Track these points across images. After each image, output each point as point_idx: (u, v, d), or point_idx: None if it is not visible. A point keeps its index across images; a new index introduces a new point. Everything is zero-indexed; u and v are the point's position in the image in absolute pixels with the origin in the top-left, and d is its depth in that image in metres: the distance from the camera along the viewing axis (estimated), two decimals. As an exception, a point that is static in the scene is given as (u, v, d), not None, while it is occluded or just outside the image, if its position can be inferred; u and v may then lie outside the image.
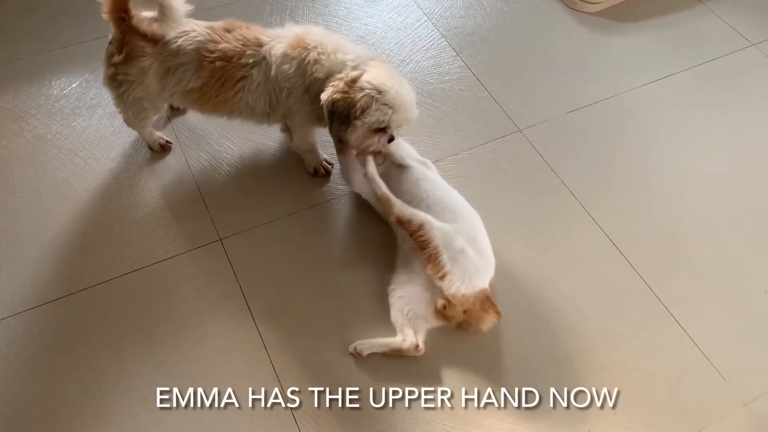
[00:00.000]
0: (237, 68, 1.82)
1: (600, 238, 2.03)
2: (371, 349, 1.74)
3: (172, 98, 1.93)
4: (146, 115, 1.99)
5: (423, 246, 1.71)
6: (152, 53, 1.80)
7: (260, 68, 1.82)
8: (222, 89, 1.85)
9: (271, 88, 1.85)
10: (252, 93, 1.86)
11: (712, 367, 1.79)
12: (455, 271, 1.69)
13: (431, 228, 1.72)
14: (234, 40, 1.82)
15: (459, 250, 1.71)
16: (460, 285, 1.69)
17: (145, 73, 1.83)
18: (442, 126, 2.29)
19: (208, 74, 1.82)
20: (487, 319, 1.75)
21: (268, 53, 1.81)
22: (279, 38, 1.83)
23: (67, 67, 2.39)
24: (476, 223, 1.85)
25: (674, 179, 2.19)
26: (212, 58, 1.80)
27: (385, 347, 1.74)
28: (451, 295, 1.69)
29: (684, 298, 1.91)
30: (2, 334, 1.77)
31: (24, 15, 2.56)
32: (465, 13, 2.67)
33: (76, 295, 1.85)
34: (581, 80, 2.46)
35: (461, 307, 1.71)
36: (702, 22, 2.68)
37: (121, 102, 1.93)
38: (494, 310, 1.76)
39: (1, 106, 2.26)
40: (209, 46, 1.81)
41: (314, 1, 2.67)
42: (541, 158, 2.21)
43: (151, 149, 2.16)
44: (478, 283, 1.72)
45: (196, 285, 1.88)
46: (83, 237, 1.97)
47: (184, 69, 1.83)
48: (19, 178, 2.08)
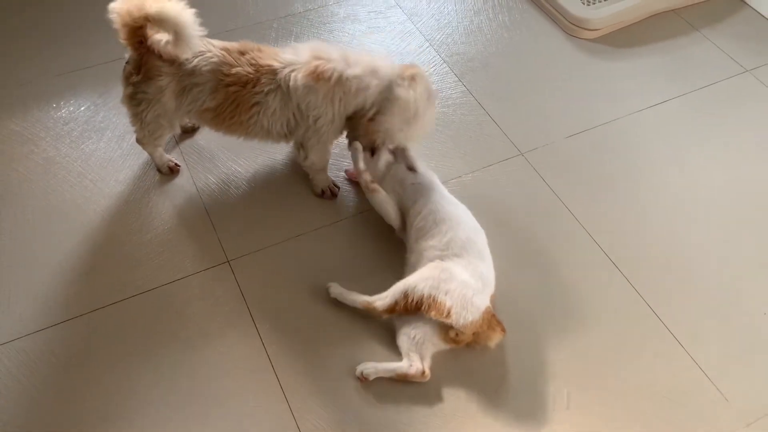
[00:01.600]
0: (251, 94, 1.85)
1: (601, 259, 2.06)
2: (377, 374, 1.76)
3: (188, 115, 1.97)
4: (162, 133, 2.02)
5: (420, 306, 1.71)
6: (169, 72, 1.84)
7: (276, 96, 1.86)
8: (236, 112, 1.89)
9: (290, 114, 1.90)
10: (268, 118, 1.90)
11: (714, 388, 1.81)
12: (456, 302, 1.70)
13: (415, 288, 1.72)
14: (247, 65, 1.86)
15: (452, 280, 1.72)
16: (466, 314, 1.70)
17: (162, 92, 1.86)
18: (446, 149, 2.33)
19: (222, 97, 1.86)
20: (494, 337, 1.78)
21: (284, 83, 1.85)
22: (292, 65, 1.86)
23: (76, 91, 2.43)
24: (478, 238, 1.88)
25: (673, 201, 2.23)
26: (227, 82, 1.84)
27: (392, 372, 1.75)
28: (461, 326, 1.70)
29: (686, 318, 1.94)
30: (13, 356, 1.78)
31: (33, 40, 2.60)
32: (466, 40, 2.73)
33: (85, 316, 1.86)
34: (581, 105, 2.51)
35: (471, 331, 1.73)
36: (698, 49, 2.74)
37: (138, 120, 1.96)
38: (500, 327, 1.78)
39: (11, 129, 2.29)
40: (224, 68, 1.84)
41: (319, 27, 2.72)
42: (542, 181, 2.25)
43: (159, 171, 2.19)
44: (481, 304, 1.74)
45: (204, 306, 1.90)
46: (92, 259, 1.99)
47: (199, 89, 1.86)
48: (28, 200, 2.10)
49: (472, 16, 2.82)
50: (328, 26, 2.74)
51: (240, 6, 2.77)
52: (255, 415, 1.71)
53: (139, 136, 2.07)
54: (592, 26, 2.73)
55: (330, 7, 2.82)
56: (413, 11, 2.83)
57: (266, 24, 2.70)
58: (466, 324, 1.70)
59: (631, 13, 2.79)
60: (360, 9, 2.82)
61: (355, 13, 2.80)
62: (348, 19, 2.78)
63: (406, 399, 1.75)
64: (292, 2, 2.82)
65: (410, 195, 1.95)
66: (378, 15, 2.80)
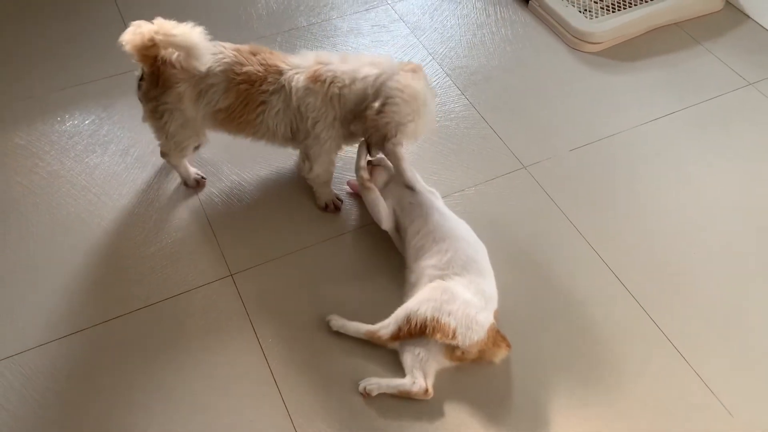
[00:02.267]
0: (258, 93, 1.89)
1: (604, 273, 2.05)
2: (380, 390, 1.75)
3: (205, 120, 1.96)
4: (188, 143, 2.03)
5: (424, 330, 1.70)
6: (185, 78, 1.86)
7: (279, 96, 1.89)
8: (245, 110, 1.91)
9: (292, 116, 1.92)
10: (272, 118, 1.92)
11: (719, 403, 1.80)
12: (461, 323, 1.69)
13: (417, 312, 1.71)
14: (257, 64, 1.89)
15: (454, 300, 1.71)
16: (471, 334, 1.70)
17: (181, 99, 1.88)
18: (448, 162, 2.34)
19: (234, 95, 1.88)
20: (499, 353, 1.78)
21: (288, 83, 1.88)
22: (297, 68, 1.90)
23: (81, 105, 2.44)
24: (478, 255, 1.87)
25: (677, 215, 2.22)
26: (238, 80, 1.87)
27: (394, 389, 1.75)
28: (466, 346, 1.70)
29: (689, 333, 1.93)
30: (16, 370, 1.78)
31: (38, 54, 2.62)
32: (469, 53, 2.74)
33: (88, 330, 1.87)
34: (584, 118, 2.51)
35: (477, 350, 1.72)
36: (701, 62, 2.74)
37: (163, 133, 1.98)
38: (505, 343, 1.78)
39: (16, 142, 2.31)
40: (236, 68, 1.87)
41: (322, 41, 2.74)
42: (545, 195, 2.25)
43: (186, 185, 2.20)
44: (485, 321, 1.73)
45: (207, 320, 1.90)
46: (96, 272, 1.99)
47: (213, 90, 1.88)
48: (33, 214, 2.11)
49: (475, 29, 2.84)
50: (332, 40, 2.75)
51: (244, 20, 2.79)
52: (257, 428, 1.71)
53: (164, 149, 2.09)
54: (594, 39, 2.74)
55: (333, 21, 2.83)
56: (416, 25, 2.84)
57: (270, 38, 2.72)
58: (472, 343, 1.70)
59: (633, 27, 2.80)
60: (363, 23, 2.84)
61: (358, 27, 2.82)
62: (351, 33, 2.79)
63: (408, 415, 1.74)
64: (295, 17, 2.83)
65: (408, 213, 1.94)
66: (381, 29, 2.82)
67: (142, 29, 1.74)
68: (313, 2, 2.91)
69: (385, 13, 2.90)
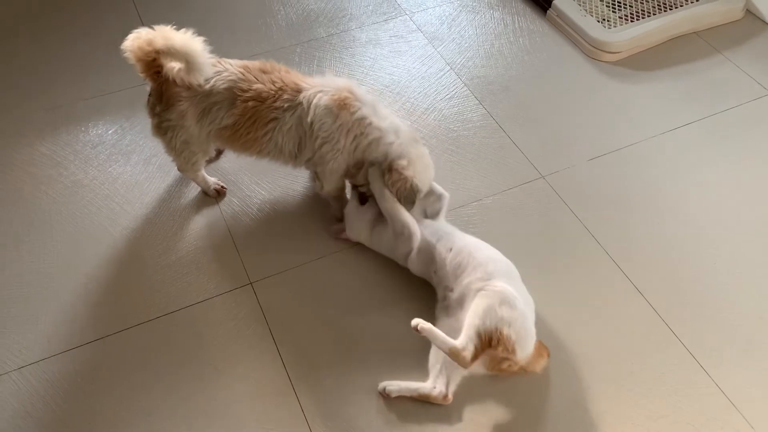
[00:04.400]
0: (270, 110, 1.89)
1: (623, 284, 2.05)
2: (400, 392, 1.76)
3: (209, 137, 1.98)
4: (196, 159, 2.06)
5: (491, 341, 1.64)
6: (188, 97, 1.88)
7: (294, 113, 1.89)
8: (253, 128, 1.91)
9: (302, 132, 1.92)
10: (283, 135, 1.92)
11: (740, 416, 1.78)
12: (521, 334, 1.66)
13: (484, 323, 1.65)
14: (269, 82, 1.90)
15: (513, 307, 1.68)
16: (527, 346, 1.69)
17: (184, 116, 1.90)
18: (466, 172, 2.34)
19: (240, 112, 1.88)
20: (541, 363, 1.77)
21: (306, 100, 1.88)
22: (320, 88, 1.90)
23: (104, 115, 2.49)
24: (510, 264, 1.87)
25: (697, 226, 2.21)
26: (245, 98, 1.87)
27: (414, 392, 1.75)
28: (521, 358, 1.69)
29: (710, 345, 1.92)
30: (39, 376, 1.81)
31: (63, 65, 2.67)
32: (486, 63, 2.75)
33: (110, 337, 1.90)
34: (602, 128, 2.51)
35: (524, 362, 1.71)
36: (720, 71, 2.73)
37: (171, 149, 2.01)
38: (546, 352, 1.79)
39: (41, 152, 2.35)
40: (242, 85, 1.88)
41: (341, 51, 2.76)
42: (564, 204, 2.24)
43: (206, 194, 2.23)
44: (534, 332, 1.73)
45: (227, 328, 1.92)
46: (118, 280, 2.02)
47: (217, 107, 1.89)
48: (56, 222, 2.15)
49: (493, 39, 2.85)
50: (350, 50, 2.78)
51: (264, 31, 2.82)
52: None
53: (177, 165, 2.13)
54: (612, 49, 2.74)
55: (352, 32, 2.86)
56: (434, 35, 2.86)
57: (290, 49, 2.75)
58: (525, 356, 1.69)
59: (652, 36, 2.80)
60: (382, 33, 2.86)
61: (377, 37, 2.84)
62: (370, 43, 2.81)
63: (429, 420, 1.74)
64: (315, 27, 2.86)
65: (430, 236, 1.93)
66: (399, 39, 2.84)
67: (141, 35, 1.76)
68: (332, 13, 2.94)
69: (404, 23, 2.92)
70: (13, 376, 1.82)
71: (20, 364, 1.84)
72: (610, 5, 2.90)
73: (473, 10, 2.99)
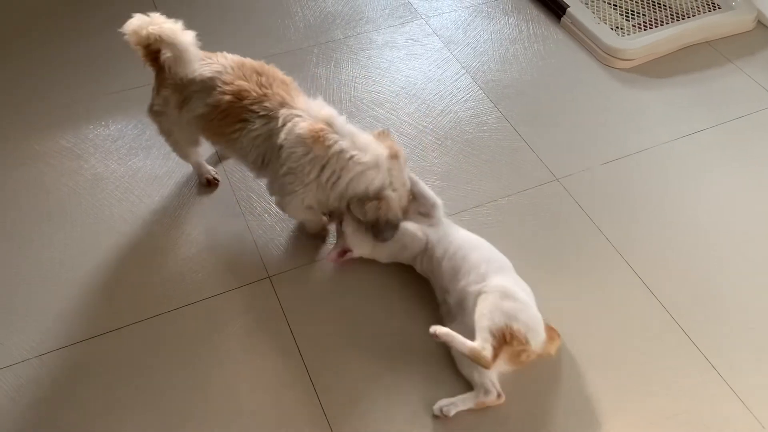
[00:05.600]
0: (243, 110, 1.83)
1: (636, 284, 2.07)
2: (457, 408, 1.74)
3: (189, 125, 1.95)
4: (181, 146, 2.08)
5: (505, 338, 1.67)
6: (171, 84, 1.89)
7: (267, 123, 1.82)
8: (223, 122, 1.86)
9: (269, 149, 1.85)
10: (249, 141, 1.85)
11: (753, 417, 1.80)
12: (529, 325, 1.70)
13: (494, 322, 1.67)
14: (257, 84, 1.84)
15: (513, 298, 1.72)
16: (538, 335, 1.72)
17: (168, 103, 1.93)
18: (481, 173, 2.37)
19: (214, 102, 1.84)
20: (554, 345, 1.81)
21: (283, 119, 1.81)
22: (301, 112, 1.82)
23: (125, 110, 2.52)
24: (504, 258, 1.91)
25: (709, 230, 2.24)
26: (224, 90, 1.83)
27: (470, 404, 1.75)
28: (537, 347, 1.72)
29: (724, 347, 1.94)
30: (60, 364, 1.84)
31: (86, 61, 2.71)
32: (502, 67, 2.78)
33: (128, 327, 1.92)
34: (616, 133, 2.54)
35: (540, 349, 1.75)
36: (732, 80, 2.76)
37: (162, 132, 2.06)
38: (555, 333, 1.82)
39: (62, 145, 2.38)
40: (226, 77, 1.84)
41: (358, 53, 2.80)
42: (578, 207, 2.27)
43: (199, 181, 2.26)
44: (540, 318, 1.76)
45: (245, 321, 1.94)
46: (136, 271, 2.05)
47: (196, 96, 1.88)
48: (77, 214, 2.18)
49: (508, 44, 2.88)
50: (367, 53, 2.81)
51: (282, 32, 2.86)
52: (292, 427, 1.74)
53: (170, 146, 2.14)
54: (626, 56, 2.77)
55: (369, 34, 2.90)
56: (450, 39, 2.90)
57: (307, 49, 2.79)
58: (539, 344, 1.73)
59: (665, 45, 2.84)
60: (398, 36, 2.90)
61: (393, 40, 2.88)
62: (386, 45, 2.85)
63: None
64: (332, 29, 2.90)
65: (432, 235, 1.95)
66: (415, 42, 2.88)
67: (137, 20, 1.79)
68: (349, 15, 2.98)
69: (420, 27, 2.95)
70: (33, 363, 1.84)
71: (40, 351, 1.86)
72: (624, 13, 2.94)
73: (488, 16, 3.02)
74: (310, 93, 1.93)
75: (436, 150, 2.43)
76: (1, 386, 1.79)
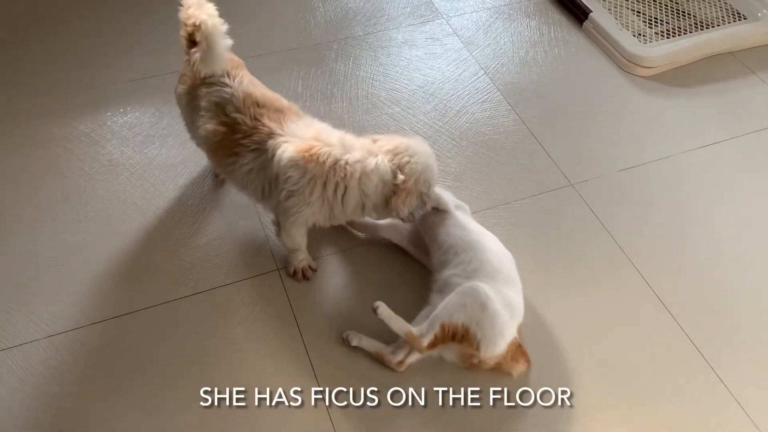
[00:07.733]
0: (235, 144, 1.82)
1: (646, 293, 2.05)
2: (360, 344, 1.85)
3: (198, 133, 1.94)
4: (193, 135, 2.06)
5: (455, 336, 1.70)
6: (186, 82, 1.94)
7: (258, 157, 1.81)
8: (219, 152, 1.88)
9: (265, 180, 1.84)
10: (242, 174, 1.85)
11: (756, 429, 1.78)
12: (486, 335, 1.69)
13: (451, 319, 1.70)
14: (250, 118, 1.82)
15: (485, 308, 1.69)
16: (494, 347, 1.71)
17: (181, 97, 1.97)
18: (496, 175, 2.36)
19: (212, 130, 1.85)
20: (517, 368, 1.79)
21: (272, 150, 1.79)
22: (287, 138, 1.80)
23: (143, 98, 2.54)
24: (505, 266, 1.86)
25: (723, 242, 2.21)
26: (222, 120, 1.83)
27: (373, 349, 1.84)
28: (486, 358, 1.72)
29: (731, 359, 1.92)
30: (69, 346, 1.85)
31: (104, 48, 2.74)
32: (521, 70, 2.77)
33: (138, 312, 1.93)
34: (634, 140, 2.52)
35: (494, 362, 1.75)
36: (754, 92, 2.73)
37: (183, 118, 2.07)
38: (525, 359, 1.79)
39: (80, 130, 2.41)
40: (228, 108, 1.83)
41: (377, 50, 2.80)
42: (592, 213, 2.25)
43: (213, 172, 2.27)
44: (508, 335, 1.74)
45: (252, 311, 1.95)
46: (149, 258, 2.06)
47: (201, 113, 1.88)
48: (92, 199, 2.20)
49: (528, 47, 2.87)
50: (386, 50, 2.81)
51: (302, 26, 2.87)
52: (295, 421, 1.75)
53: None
54: (647, 64, 2.75)
55: (389, 32, 2.90)
56: (470, 40, 2.89)
57: (326, 45, 2.79)
58: (492, 357, 1.72)
59: (687, 54, 2.81)
60: (418, 35, 2.89)
61: (413, 38, 2.88)
62: (406, 44, 2.85)
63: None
64: (352, 26, 2.90)
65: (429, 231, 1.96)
66: (435, 42, 2.87)
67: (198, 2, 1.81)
68: (370, 12, 2.98)
69: (440, 26, 2.95)
70: (42, 344, 1.86)
71: (50, 332, 1.88)
72: (647, 20, 2.92)
73: (510, 18, 3.01)
74: (327, 89, 1.93)
75: (451, 150, 2.43)
76: (10, 365, 1.81)
